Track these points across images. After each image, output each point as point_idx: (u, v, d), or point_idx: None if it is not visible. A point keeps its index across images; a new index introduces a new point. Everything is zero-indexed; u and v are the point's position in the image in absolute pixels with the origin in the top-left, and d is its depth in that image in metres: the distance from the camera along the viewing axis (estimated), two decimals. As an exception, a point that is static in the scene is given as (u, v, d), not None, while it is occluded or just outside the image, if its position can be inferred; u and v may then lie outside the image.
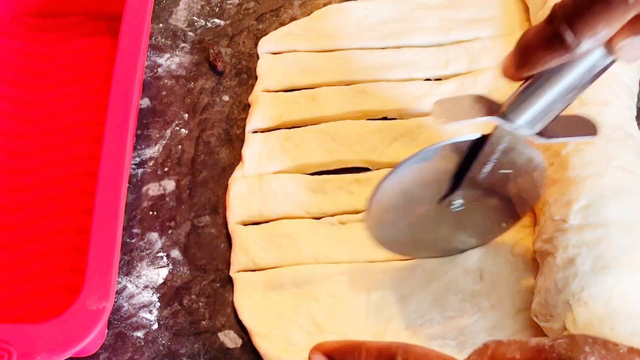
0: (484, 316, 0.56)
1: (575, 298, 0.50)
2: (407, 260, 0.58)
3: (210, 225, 0.62)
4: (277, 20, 0.72)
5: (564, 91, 0.43)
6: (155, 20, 0.72)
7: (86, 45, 0.70)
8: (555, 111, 0.45)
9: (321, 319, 0.56)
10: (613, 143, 0.56)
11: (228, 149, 0.66)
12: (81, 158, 0.64)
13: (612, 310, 0.49)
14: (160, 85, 0.69)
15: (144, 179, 0.64)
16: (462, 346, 0.54)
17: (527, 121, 0.46)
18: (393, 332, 0.55)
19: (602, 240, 0.51)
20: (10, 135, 0.66)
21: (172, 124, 0.67)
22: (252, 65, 0.70)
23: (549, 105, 0.44)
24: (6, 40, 0.71)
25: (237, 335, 0.57)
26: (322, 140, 0.64)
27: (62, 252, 0.60)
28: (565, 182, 0.55)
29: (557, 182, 0.56)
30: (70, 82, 0.68)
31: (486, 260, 0.58)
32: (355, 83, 0.67)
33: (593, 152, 0.55)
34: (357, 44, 0.69)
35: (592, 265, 0.50)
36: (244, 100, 0.68)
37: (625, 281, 0.50)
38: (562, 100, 0.44)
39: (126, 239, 0.61)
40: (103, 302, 0.50)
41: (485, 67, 0.67)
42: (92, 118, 0.66)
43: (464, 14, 0.71)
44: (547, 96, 0.44)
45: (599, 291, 0.49)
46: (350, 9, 0.71)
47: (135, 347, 0.57)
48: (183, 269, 0.60)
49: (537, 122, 0.46)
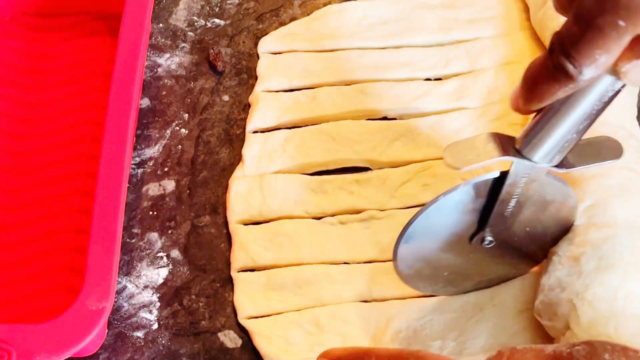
0: (485, 316, 0.55)
1: (579, 297, 0.50)
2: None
3: (210, 225, 0.62)
4: (277, 20, 0.72)
5: (577, 121, 0.41)
6: (155, 20, 0.72)
7: (86, 45, 0.70)
8: (571, 142, 0.43)
9: (321, 319, 0.56)
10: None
11: (228, 149, 0.65)
12: (81, 158, 0.64)
13: (617, 310, 0.49)
14: (160, 85, 0.69)
15: (144, 179, 0.64)
16: (463, 346, 0.54)
17: (543, 156, 0.44)
18: (393, 332, 0.55)
19: (607, 240, 0.51)
20: (10, 135, 0.66)
21: (172, 124, 0.67)
22: (252, 65, 0.70)
23: (563, 137, 0.43)
24: (6, 40, 0.70)
25: (237, 335, 0.57)
26: (322, 140, 0.64)
27: (62, 252, 0.60)
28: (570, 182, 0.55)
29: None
30: (70, 82, 0.68)
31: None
32: (355, 83, 0.67)
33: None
34: (357, 44, 0.69)
35: (597, 264, 0.50)
36: (244, 100, 0.68)
37: (630, 281, 0.49)
38: (577, 130, 0.42)
39: (126, 239, 0.61)
40: (103, 302, 0.50)
41: (485, 66, 0.67)
42: (92, 118, 0.66)
43: (464, 14, 0.70)
44: (560, 128, 0.42)
45: (603, 291, 0.49)
46: (350, 9, 0.71)
47: (135, 347, 0.57)
48: (183, 269, 0.60)
49: (554, 155, 0.44)
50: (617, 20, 0.30)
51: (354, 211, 0.61)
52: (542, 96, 0.38)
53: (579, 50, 0.33)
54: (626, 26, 0.30)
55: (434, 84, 0.67)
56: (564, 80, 0.35)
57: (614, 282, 0.49)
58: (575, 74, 0.34)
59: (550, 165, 0.45)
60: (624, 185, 0.54)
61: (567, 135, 0.43)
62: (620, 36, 0.31)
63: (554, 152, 0.44)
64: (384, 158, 0.63)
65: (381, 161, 0.63)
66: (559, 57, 0.35)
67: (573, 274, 0.51)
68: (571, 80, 0.35)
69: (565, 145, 0.44)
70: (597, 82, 0.38)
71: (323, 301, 0.57)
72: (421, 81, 0.67)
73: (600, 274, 0.50)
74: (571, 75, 0.35)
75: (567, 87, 0.36)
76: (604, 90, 0.39)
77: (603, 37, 0.32)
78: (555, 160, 0.45)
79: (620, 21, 0.30)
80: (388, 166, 0.63)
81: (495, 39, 0.69)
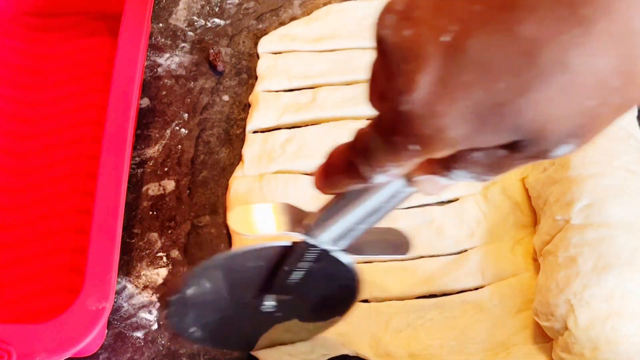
0: (484, 316, 0.55)
1: (577, 297, 0.50)
2: (408, 260, 0.58)
3: (210, 225, 0.62)
4: (277, 20, 0.72)
5: (366, 214, 0.42)
6: (155, 20, 0.72)
7: (86, 45, 0.70)
8: (358, 231, 0.43)
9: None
10: (615, 142, 0.56)
11: (228, 149, 0.65)
12: (81, 158, 0.64)
13: (614, 310, 0.49)
14: (160, 85, 0.69)
15: (144, 179, 0.64)
16: (463, 346, 0.54)
17: (330, 237, 0.44)
18: (393, 332, 0.55)
19: (604, 240, 0.51)
20: (10, 135, 0.66)
21: (172, 123, 0.67)
22: (252, 65, 0.70)
23: (349, 226, 0.43)
24: (6, 40, 0.70)
25: (237, 335, 0.57)
26: (322, 140, 0.64)
27: (62, 252, 0.60)
28: (567, 181, 0.55)
29: (558, 181, 0.56)
30: (70, 82, 0.68)
31: (487, 260, 0.58)
32: (355, 83, 0.67)
33: (595, 152, 0.55)
34: (357, 44, 0.69)
35: (594, 264, 0.50)
36: (244, 100, 0.68)
37: (628, 281, 0.49)
38: (365, 221, 0.42)
39: (126, 239, 0.61)
40: (103, 302, 0.50)
41: (485, 66, 0.67)
42: (92, 118, 0.66)
43: (464, 14, 0.70)
44: (348, 216, 0.42)
45: (601, 291, 0.49)
46: (350, 9, 0.71)
47: (135, 347, 0.57)
48: (183, 269, 0.60)
49: (340, 239, 0.44)
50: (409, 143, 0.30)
51: (354, 211, 0.61)
52: (335, 184, 0.38)
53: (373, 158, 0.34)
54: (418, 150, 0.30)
55: (434, 84, 0.67)
56: (356, 178, 0.36)
57: (611, 282, 0.49)
58: (366, 175, 0.35)
59: (335, 247, 0.45)
60: (621, 185, 0.54)
61: (354, 225, 0.43)
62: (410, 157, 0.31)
63: (340, 236, 0.44)
64: (384, 158, 0.63)
65: (381, 161, 0.63)
66: (354, 156, 0.35)
67: (570, 275, 0.51)
68: (362, 180, 0.35)
69: (352, 232, 0.44)
70: (388, 184, 0.39)
71: (323, 301, 0.57)
72: (421, 81, 0.67)
73: (597, 274, 0.50)
74: (362, 175, 0.35)
75: (359, 184, 0.36)
76: (395, 191, 0.39)
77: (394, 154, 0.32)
78: (340, 245, 0.45)
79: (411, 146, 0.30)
80: (388, 166, 0.63)
81: (495, 38, 0.69)
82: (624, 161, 0.54)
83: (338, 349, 0.55)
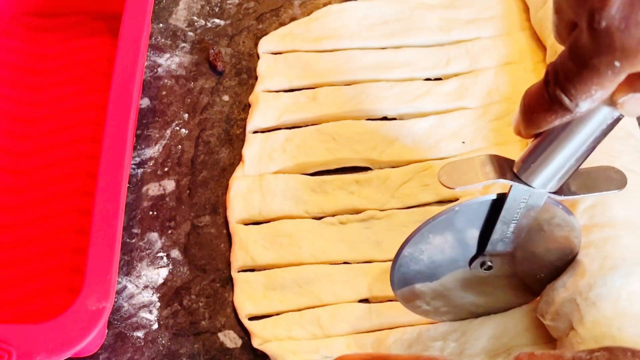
0: (487, 317, 0.55)
1: (583, 297, 0.50)
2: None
3: (210, 225, 0.62)
4: (277, 20, 0.72)
5: (576, 148, 0.41)
6: (155, 20, 0.72)
7: (86, 45, 0.70)
8: (570, 169, 0.43)
9: (322, 319, 0.56)
10: (616, 142, 0.56)
11: (228, 149, 0.65)
12: (81, 158, 0.64)
13: (621, 311, 0.49)
14: (160, 85, 0.69)
15: (144, 179, 0.64)
16: (464, 347, 0.54)
17: (541, 181, 0.43)
18: (395, 333, 0.55)
19: (609, 240, 0.51)
20: (10, 135, 0.66)
21: (172, 124, 0.67)
22: (252, 65, 0.70)
23: (562, 163, 0.42)
24: (6, 40, 0.70)
25: (237, 335, 0.57)
26: (322, 139, 0.64)
27: (62, 252, 0.60)
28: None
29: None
30: (70, 82, 0.68)
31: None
32: (355, 83, 0.67)
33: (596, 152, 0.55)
34: (357, 44, 0.69)
35: (601, 265, 0.50)
36: (244, 100, 0.68)
37: (634, 281, 0.49)
38: (576, 157, 0.42)
39: (126, 239, 0.61)
40: (103, 302, 0.50)
41: (485, 66, 0.67)
42: (92, 118, 0.66)
43: (464, 14, 0.71)
44: (558, 155, 0.41)
45: (607, 291, 0.49)
46: (350, 9, 0.71)
47: (135, 347, 0.57)
48: (183, 269, 0.60)
49: (553, 181, 0.43)
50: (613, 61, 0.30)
51: (354, 211, 0.61)
52: (539, 124, 0.38)
53: (575, 86, 0.34)
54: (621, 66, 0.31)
55: (434, 84, 0.67)
56: (560, 111, 0.36)
57: (617, 282, 0.49)
58: (571, 107, 0.35)
59: (548, 191, 0.44)
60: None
61: (566, 162, 0.42)
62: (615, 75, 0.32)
63: (552, 178, 0.43)
64: (384, 158, 0.63)
65: (381, 161, 0.63)
66: (554, 90, 0.35)
67: (576, 274, 0.51)
68: (567, 112, 0.36)
69: (564, 171, 0.43)
70: (595, 112, 0.38)
71: (323, 301, 0.57)
72: (421, 81, 0.67)
73: (603, 274, 0.50)
74: (567, 107, 0.35)
75: (564, 117, 0.36)
76: (602, 119, 0.39)
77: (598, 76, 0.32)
78: (553, 187, 0.44)
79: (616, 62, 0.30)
80: (388, 166, 0.63)
81: (495, 39, 0.69)
82: (626, 161, 0.54)
83: (341, 351, 0.55)
